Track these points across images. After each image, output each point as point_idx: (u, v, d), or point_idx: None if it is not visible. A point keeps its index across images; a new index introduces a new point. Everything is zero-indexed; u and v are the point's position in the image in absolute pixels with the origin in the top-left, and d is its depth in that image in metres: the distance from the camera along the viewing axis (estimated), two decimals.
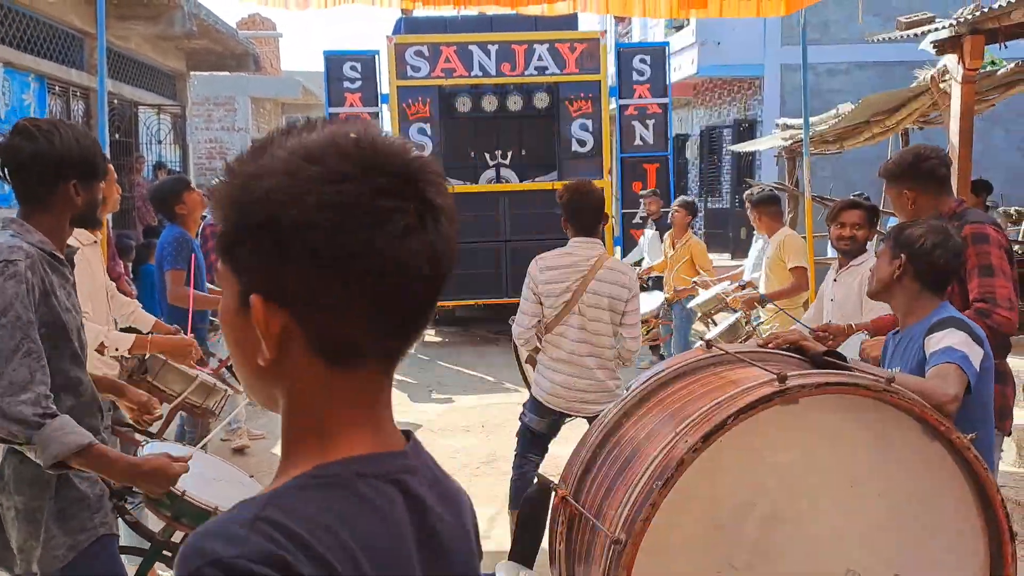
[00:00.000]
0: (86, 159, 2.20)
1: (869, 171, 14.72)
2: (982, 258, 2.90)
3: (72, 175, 2.18)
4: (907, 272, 2.57)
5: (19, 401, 1.92)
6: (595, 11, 6.07)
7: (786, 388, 1.97)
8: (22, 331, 1.98)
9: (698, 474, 2.00)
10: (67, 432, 1.95)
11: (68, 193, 2.19)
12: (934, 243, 2.54)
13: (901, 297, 2.62)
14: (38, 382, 1.96)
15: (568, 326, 4.00)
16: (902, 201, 3.13)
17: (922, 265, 2.55)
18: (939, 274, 2.57)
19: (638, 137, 10.79)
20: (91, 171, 2.22)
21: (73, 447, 1.94)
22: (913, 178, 3.09)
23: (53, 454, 1.93)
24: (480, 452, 6.23)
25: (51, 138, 2.14)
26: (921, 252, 2.55)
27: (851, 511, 2.14)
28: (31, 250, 2.10)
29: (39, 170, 2.16)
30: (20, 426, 1.92)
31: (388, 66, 10.14)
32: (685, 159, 19.36)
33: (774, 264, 5.36)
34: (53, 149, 2.14)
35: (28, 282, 2.04)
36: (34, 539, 2.14)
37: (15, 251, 2.06)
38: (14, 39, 8.59)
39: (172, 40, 11.83)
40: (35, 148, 2.13)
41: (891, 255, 2.62)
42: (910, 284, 2.58)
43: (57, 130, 2.16)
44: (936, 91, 6.56)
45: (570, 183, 4.09)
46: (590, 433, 2.37)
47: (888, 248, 2.65)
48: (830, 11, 14.23)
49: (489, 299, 10.34)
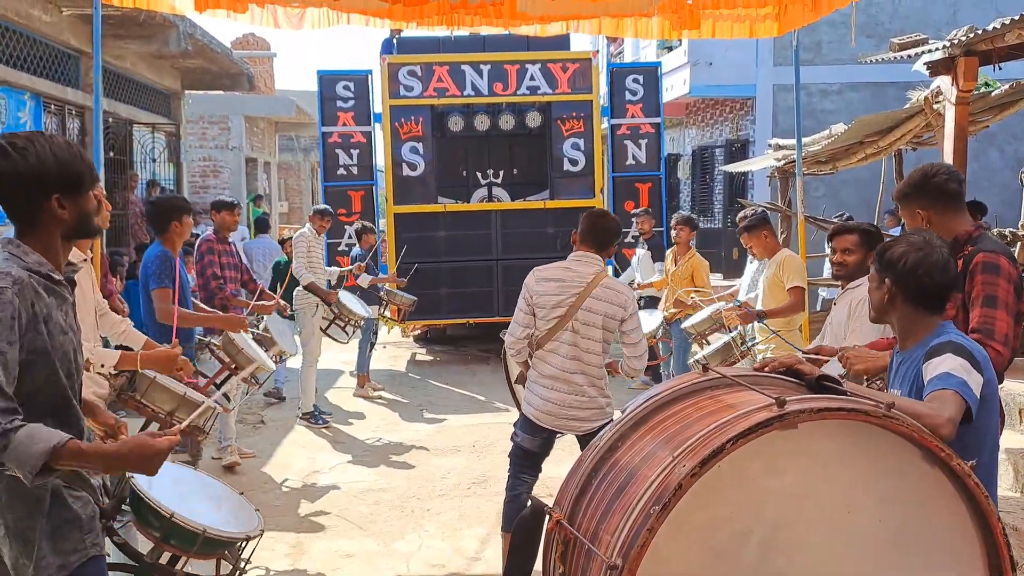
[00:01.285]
0: (65, 171, 2.12)
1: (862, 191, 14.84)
2: (988, 288, 2.83)
3: (53, 189, 2.12)
4: (896, 295, 2.50)
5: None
6: (588, 32, 6.10)
7: (785, 413, 1.94)
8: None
9: (695, 499, 1.97)
10: (34, 442, 1.91)
11: (52, 208, 2.13)
12: (916, 261, 2.45)
13: (898, 320, 2.56)
14: (2, 410, 1.93)
15: (560, 342, 3.99)
16: (916, 222, 3.05)
17: (909, 286, 2.47)
18: (929, 292, 2.48)
19: (630, 156, 10.83)
20: (73, 182, 2.14)
21: (43, 454, 1.90)
22: (923, 196, 3.03)
23: (29, 466, 1.90)
24: (472, 472, 6.18)
25: (26, 155, 2.07)
26: (904, 272, 2.47)
27: (850, 537, 2.11)
28: (21, 275, 2.06)
29: (18, 188, 2.10)
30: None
31: (381, 85, 10.18)
32: (677, 179, 19.42)
33: (772, 284, 5.34)
34: (28, 165, 2.07)
35: (14, 309, 2.01)
36: (25, 557, 2.12)
37: (4, 277, 2.03)
38: (10, 58, 8.59)
39: (167, 59, 11.85)
40: (10, 166, 2.07)
41: (878, 280, 2.56)
42: (903, 306, 2.51)
43: (33, 145, 2.09)
44: (930, 112, 6.59)
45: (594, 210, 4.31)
46: (585, 456, 2.34)
47: (875, 271, 2.58)
48: (823, 32, 14.36)
49: (480, 318, 10.33)
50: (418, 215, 10.15)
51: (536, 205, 10.43)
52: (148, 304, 4.99)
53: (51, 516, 2.15)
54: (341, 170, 10.66)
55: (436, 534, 5.07)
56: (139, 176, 11.82)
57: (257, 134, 18.91)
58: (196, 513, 2.54)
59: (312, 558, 4.74)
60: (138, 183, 11.66)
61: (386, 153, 10.27)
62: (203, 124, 16.89)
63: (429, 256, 10.05)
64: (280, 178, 22.81)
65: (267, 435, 7.31)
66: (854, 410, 2.02)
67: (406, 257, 9.74)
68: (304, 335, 7.50)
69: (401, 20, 5.50)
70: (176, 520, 2.39)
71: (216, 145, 17.12)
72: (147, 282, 4.95)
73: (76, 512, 2.18)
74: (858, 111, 11.66)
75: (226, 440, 6.30)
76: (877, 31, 14.20)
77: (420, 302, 9.16)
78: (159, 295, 4.89)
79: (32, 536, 2.13)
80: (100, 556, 2.24)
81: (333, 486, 5.95)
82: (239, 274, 6.27)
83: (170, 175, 13.03)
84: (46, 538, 2.14)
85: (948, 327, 2.52)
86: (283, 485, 6.02)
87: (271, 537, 4.84)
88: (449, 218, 10.27)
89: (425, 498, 5.68)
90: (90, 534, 2.21)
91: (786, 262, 5.33)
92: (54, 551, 2.14)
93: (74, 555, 2.16)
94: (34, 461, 1.90)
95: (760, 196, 14.60)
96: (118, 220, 10.85)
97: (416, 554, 4.80)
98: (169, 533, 2.45)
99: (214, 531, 2.53)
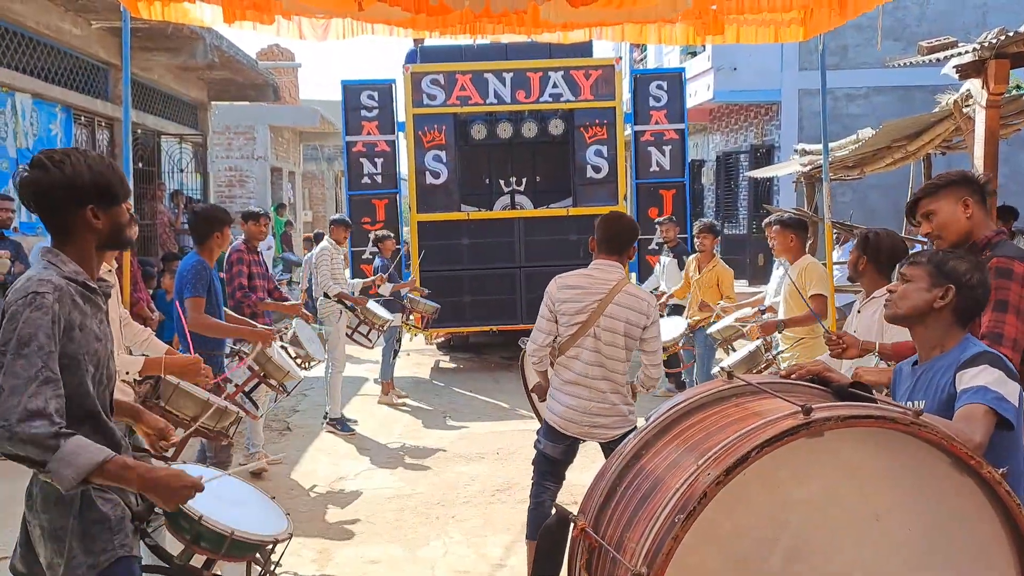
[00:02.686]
0: (100, 183, 2.23)
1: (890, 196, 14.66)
2: (1000, 293, 2.81)
3: (88, 200, 2.22)
4: (950, 305, 2.49)
5: (33, 426, 1.98)
6: (610, 39, 6.07)
7: (811, 420, 1.92)
8: (43, 360, 2.05)
9: (721, 507, 1.95)
10: (80, 454, 2.01)
11: (87, 218, 2.23)
12: (979, 280, 2.50)
13: (934, 328, 2.53)
14: (52, 408, 2.02)
15: (582, 348, 3.98)
16: (956, 210, 2.98)
17: (966, 300, 2.49)
18: (975, 310, 2.54)
19: (654, 163, 10.80)
20: (108, 194, 2.25)
21: (87, 468, 2.00)
22: (969, 186, 2.98)
23: (70, 478, 1.99)
24: (495, 479, 6.18)
25: (63, 167, 2.18)
26: (968, 287, 2.49)
27: (877, 546, 2.08)
28: (60, 282, 2.16)
29: (55, 199, 2.20)
30: (36, 448, 1.98)
31: (404, 94, 10.24)
32: (701, 185, 19.34)
33: (794, 291, 5.29)
34: (65, 177, 2.18)
35: (54, 314, 2.10)
36: (59, 557, 2.21)
37: (44, 283, 2.13)
38: (42, 71, 8.75)
39: (194, 71, 12.01)
40: (49, 178, 2.18)
41: (931, 283, 2.52)
42: (947, 316, 2.51)
43: (69, 158, 2.21)
44: (959, 116, 6.50)
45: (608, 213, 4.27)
46: (610, 463, 2.33)
47: (927, 275, 2.53)
48: (849, 36, 14.25)
49: (503, 325, 10.33)
50: (441, 223, 10.18)
51: (559, 212, 10.43)
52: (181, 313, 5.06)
53: (81, 517, 2.21)
54: (365, 179, 10.72)
55: (461, 541, 5.07)
56: (166, 186, 11.97)
57: (282, 144, 19.09)
58: (226, 516, 2.57)
59: (338, 564, 4.76)
60: (165, 193, 11.81)
61: (409, 162, 10.32)
62: (229, 134, 17.08)
63: (452, 264, 10.08)
64: (304, 187, 22.99)
65: (293, 442, 7.36)
66: (882, 417, 1.99)
67: (429, 265, 9.77)
68: (330, 342, 7.55)
69: (424, 29, 5.52)
70: (205, 522, 2.42)
71: (242, 155, 17.30)
72: (182, 290, 5.02)
73: (105, 513, 2.24)
74: (885, 115, 11.55)
75: (254, 447, 6.36)
76: (904, 34, 14.08)
77: (444, 309, 9.18)
78: (193, 304, 4.96)
79: (64, 536, 2.20)
80: (130, 557, 2.29)
81: (359, 492, 5.98)
82: (267, 283, 6.34)
83: (197, 185, 13.20)
84: (76, 539, 2.20)
85: (972, 339, 2.53)
86: (310, 491, 6.05)
87: (298, 543, 4.87)
88: (472, 226, 10.29)
89: (450, 505, 5.69)
90: (119, 535, 2.26)
91: (808, 269, 5.28)
92: (84, 551, 2.21)
93: (103, 555, 2.22)
94: (77, 472, 1.99)
95: (786, 202, 14.49)
96: (146, 230, 11.00)
97: (441, 560, 4.81)
98: (199, 535, 2.48)
99: (242, 533, 2.55)
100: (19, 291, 2.13)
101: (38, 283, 2.13)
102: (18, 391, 2.00)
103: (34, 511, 2.25)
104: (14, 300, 2.11)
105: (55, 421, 2.01)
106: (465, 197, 10.67)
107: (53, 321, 2.10)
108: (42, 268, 2.20)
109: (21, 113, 8.29)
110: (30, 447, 1.98)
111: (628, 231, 4.14)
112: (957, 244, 2.98)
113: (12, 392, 2.00)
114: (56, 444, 1.99)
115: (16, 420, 1.98)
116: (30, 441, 1.98)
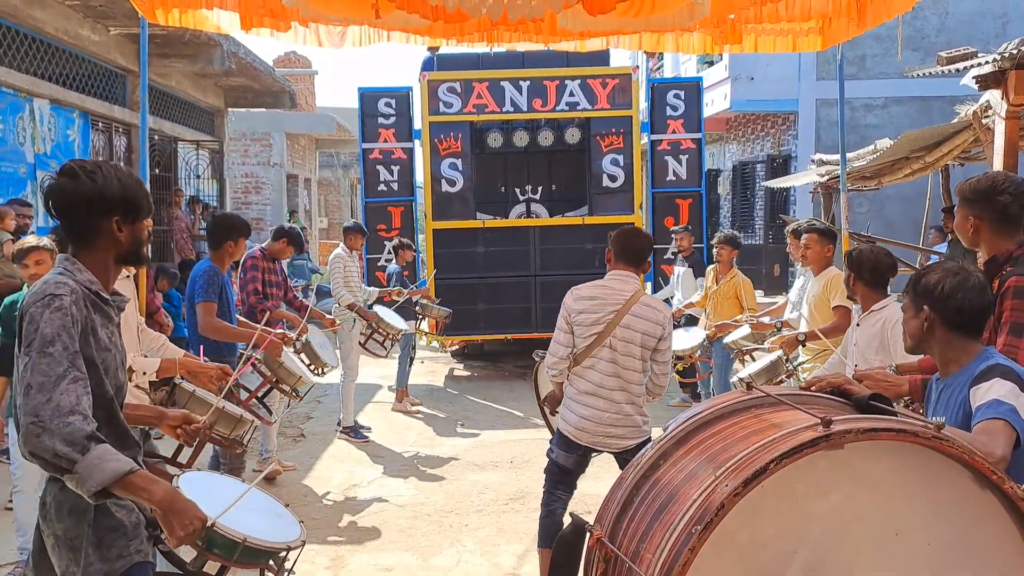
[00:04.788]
0: (128, 196, 2.27)
1: (907, 207, 14.55)
2: (1016, 315, 2.74)
3: (114, 212, 2.25)
4: (935, 322, 2.46)
5: (67, 423, 1.99)
6: (628, 47, 6.06)
7: (831, 433, 1.90)
8: (69, 359, 2.07)
9: (738, 519, 1.93)
10: (107, 460, 2.01)
11: (111, 230, 2.26)
12: (953, 286, 2.42)
13: (938, 348, 2.51)
14: (85, 406, 2.04)
15: (598, 359, 3.97)
16: (965, 226, 2.99)
17: (948, 312, 2.43)
18: (969, 317, 2.44)
19: (671, 172, 10.77)
20: (134, 209, 2.28)
21: (114, 475, 2.00)
22: (982, 207, 2.94)
23: (96, 482, 1.99)
24: (509, 488, 6.15)
25: (93, 177, 2.22)
26: (942, 298, 2.43)
27: (897, 561, 2.05)
28: (76, 287, 2.18)
29: (82, 208, 2.23)
30: (69, 447, 1.98)
31: (421, 102, 10.25)
32: (717, 194, 19.28)
33: (819, 302, 5.22)
34: (95, 187, 2.21)
35: (72, 315, 2.13)
36: (75, 564, 2.21)
37: (60, 286, 2.16)
38: (60, 77, 8.83)
39: (211, 77, 12.09)
40: (77, 187, 2.21)
41: (914, 308, 2.51)
42: (943, 334, 2.46)
43: (100, 169, 2.24)
44: (979, 127, 6.44)
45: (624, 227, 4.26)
46: (626, 474, 2.31)
47: (910, 301, 2.53)
48: (867, 45, 14.19)
49: (518, 334, 10.32)
50: (457, 231, 10.18)
51: (575, 221, 10.41)
52: (193, 317, 5.09)
53: (96, 525, 2.22)
54: (382, 186, 10.75)
55: (474, 549, 5.05)
56: (183, 192, 12.04)
57: (298, 151, 19.19)
58: (238, 522, 2.56)
59: (352, 571, 4.75)
60: (183, 199, 11.88)
61: (425, 169, 10.34)
62: (245, 141, 17.19)
63: (467, 272, 10.08)
64: (320, 194, 23.09)
65: (307, 448, 7.36)
66: (902, 431, 1.97)
67: (444, 273, 9.77)
68: (343, 350, 7.55)
69: (441, 37, 5.53)
70: (217, 529, 2.41)
71: (258, 162, 17.40)
72: (193, 295, 5.05)
73: (120, 519, 2.25)
74: (903, 126, 11.49)
75: (268, 452, 6.37)
76: (923, 44, 14.01)
77: (458, 317, 9.17)
78: (204, 308, 4.99)
79: (79, 544, 2.21)
80: (145, 563, 2.30)
81: (372, 500, 5.97)
82: (282, 291, 6.35)
83: (213, 191, 13.27)
84: (92, 546, 2.21)
85: (991, 351, 2.47)
86: (323, 498, 6.05)
87: (311, 550, 4.86)
88: (487, 234, 10.29)
89: (463, 513, 5.67)
90: (134, 540, 2.27)
91: (833, 281, 5.18)
92: (100, 558, 2.21)
93: (119, 561, 2.23)
94: (101, 480, 1.99)
95: (802, 212, 14.42)
96: (163, 235, 11.07)
97: (454, 569, 4.79)
98: (211, 541, 2.47)
99: (255, 540, 2.54)
100: (36, 294, 2.15)
101: (54, 285, 2.16)
102: (46, 388, 2.01)
103: (48, 520, 2.25)
104: (31, 303, 2.13)
105: (90, 420, 2.02)
106: (481, 205, 10.67)
107: (73, 322, 2.12)
108: (57, 274, 2.22)
109: (39, 118, 8.36)
110: (63, 444, 1.97)
111: (645, 247, 4.16)
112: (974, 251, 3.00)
113: (40, 389, 2.01)
114: (88, 446, 1.99)
115: (49, 416, 1.98)
116: (66, 437, 1.97)
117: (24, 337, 2.10)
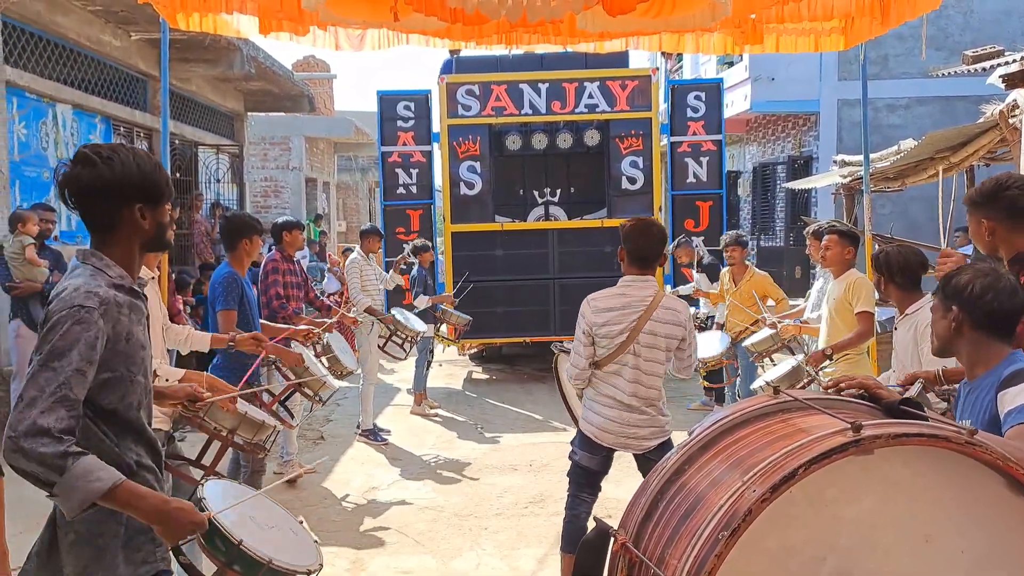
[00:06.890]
0: (148, 181, 2.14)
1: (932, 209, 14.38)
2: None
3: (136, 198, 2.13)
4: (964, 323, 2.42)
5: (40, 443, 1.88)
6: (647, 48, 6.03)
7: (861, 438, 1.86)
8: (66, 377, 1.95)
9: (766, 525, 1.90)
10: (88, 480, 1.90)
11: (134, 217, 2.14)
12: (983, 287, 2.38)
13: (966, 350, 2.46)
14: (61, 429, 1.92)
15: (622, 365, 3.94)
16: (980, 232, 2.96)
17: (978, 313, 2.39)
18: (998, 319, 2.39)
19: (691, 174, 10.70)
20: (155, 193, 2.16)
21: (96, 494, 1.90)
22: (991, 207, 2.91)
23: (78, 501, 1.90)
24: (528, 491, 6.13)
25: (111, 163, 2.09)
26: (972, 299, 2.39)
27: (929, 568, 2.00)
28: (108, 295, 2.07)
29: (102, 196, 2.11)
30: (43, 468, 1.89)
31: (439, 105, 10.25)
32: (737, 196, 19.17)
33: (841, 306, 5.09)
34: (113, 173, 2.08)
35: (98, 330, 2.01)
36: (94, 564, 2.11)
37: (91, 296, 2.03)
38: (82, 82, 8.90)
39: (231, 82, 12.17)
40: (96, 174, 2.08)
41: (943, 309, 2.47)
42: (972, 335, 2.42)
43: (117, 154, 2.10)
44: (1005, 126, 6.36)
45: (634, 219, 4.10)
46: (651, 478, 2.28)
47: (939, 302, 2.50)
48: (889, 45, 14.06)
49: (537, 336, 10.29)
50: (475, 234, 10.18)
51: (593, 224, 10.38)
52: (215, 323, 5.09)
53: (128, 523, 2.13)
54: (400, 189, 10.76)
55: (494, 553, 5.03)
56: (204, 196, 12.12)
57: (317, 154, 19.27)
58: (262, 541, 2.53)
59: (371, 573, 4.74)
60: (203, 203, 11.95)
61: (444, 172, 10.34)
62: (265, 145, 17.28)
63: (486, 275, 10.06)
64: (339, 198, 23.18)
65: (326, 451, 7.37)
66: (934, 436, 1.92)
67: (462, 275, 9.75)
68: (362, 353, 7.56)
69: (460, 39, 5.52)
70: (244, 548, 2.36)
71: (277, 165, 17.49)
72: (214, 303, 5.05)
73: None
74: (926, 126, 11.37)
75: (288, 455, 6.38)
76: (947, 44, 13.86)
77: (477, 320, 9.16)
78: (224, 317, 4.98)
79: (103, 543, 2.12)
80: (168, 571, 2.24)
81: (391, 503, 5.96)
82: (303, 292, 6.36)
83: (233, 195, 13.35)
84: (121, 546, 2.13)
85: (1019, 355, 2.43)
86: (343, 501, 6.05)
87: (331, 552, 4.86)
88: (506, 237, 10.27)
89: (482, 516, 5.65)
90: (160, 547, 2.19)
91: (855, 284, 5.04)
92: (127, 561, 2.14)
93: (144, 567, 2.16)
94: (84, 497, 1.90)
95: (824, 214, 14.30)
96: (184, 239, 11.14)
97: (474, 572, 4.77)
98: (234, 559, 2.42)
99: (279, 563, 2.50)
100: (65, 301, 2.04)
101: (85, 295, 2.03)
102: (34, 404, 1.91)
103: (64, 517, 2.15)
104: (59, 309, 2.02)
105: (63, 440, 1.90)
106: (499, 208, 10.66)
107: (96, 337, 2.00)
108: (89, 276, 2.10)
109: (62, 123, 8.44)
110: (36, 466, 1.89)
111: (659, 242, 4.02)
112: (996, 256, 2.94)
113: (29, 404, 1.92)
114: (63, 465, 1.88)
115: (23, 433, 1.89)
116: (36, 460, 1.88)
117: (40, 340, 2.01)
